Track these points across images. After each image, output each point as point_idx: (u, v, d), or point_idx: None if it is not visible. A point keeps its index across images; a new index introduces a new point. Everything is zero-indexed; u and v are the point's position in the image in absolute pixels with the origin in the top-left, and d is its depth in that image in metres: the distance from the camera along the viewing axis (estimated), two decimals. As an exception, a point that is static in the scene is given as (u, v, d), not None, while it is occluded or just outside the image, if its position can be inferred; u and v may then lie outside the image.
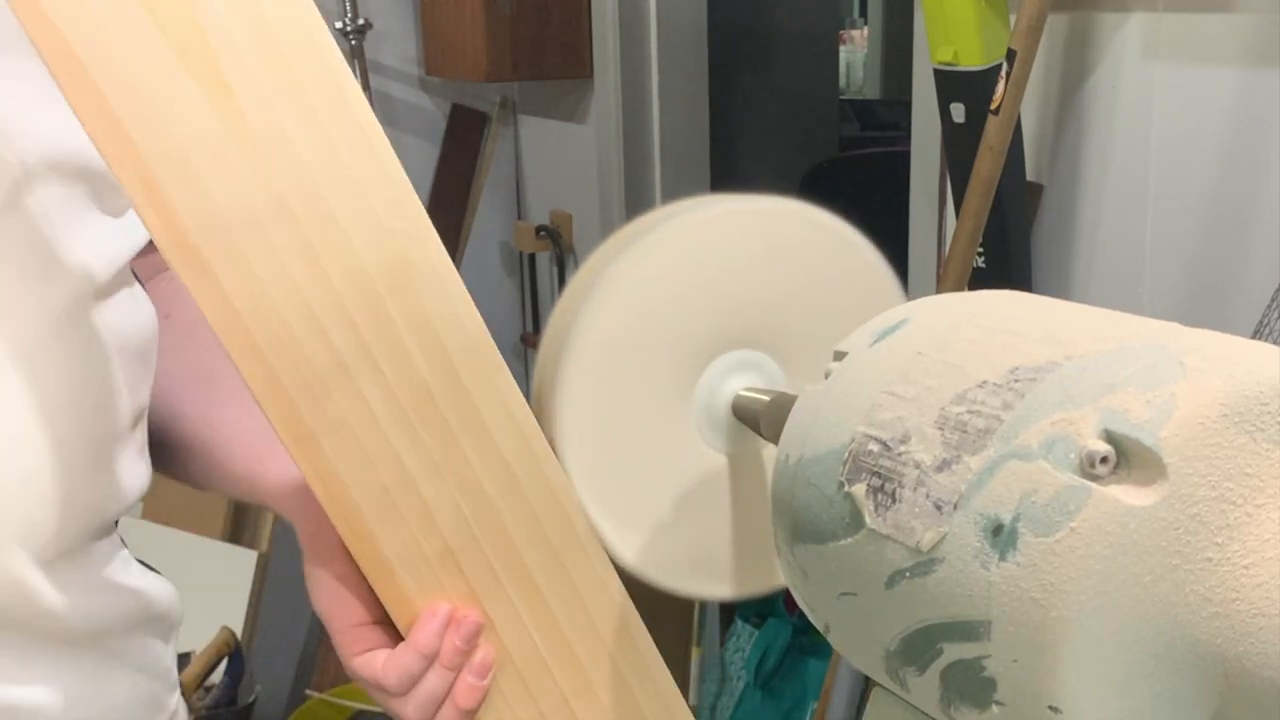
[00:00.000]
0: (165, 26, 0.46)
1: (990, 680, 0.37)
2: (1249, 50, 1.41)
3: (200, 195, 0.47)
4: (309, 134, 0.49)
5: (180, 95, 0.47)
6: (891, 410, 0.41)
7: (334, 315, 0.50)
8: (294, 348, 0.49)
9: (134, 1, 0.46)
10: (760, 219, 0.57)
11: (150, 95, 0.46)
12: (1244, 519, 0.34)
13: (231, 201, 0.48)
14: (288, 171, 0.48)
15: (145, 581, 0.66)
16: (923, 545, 0.38)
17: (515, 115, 2.78)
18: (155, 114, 0.46)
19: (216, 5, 0.47)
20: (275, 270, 0.49)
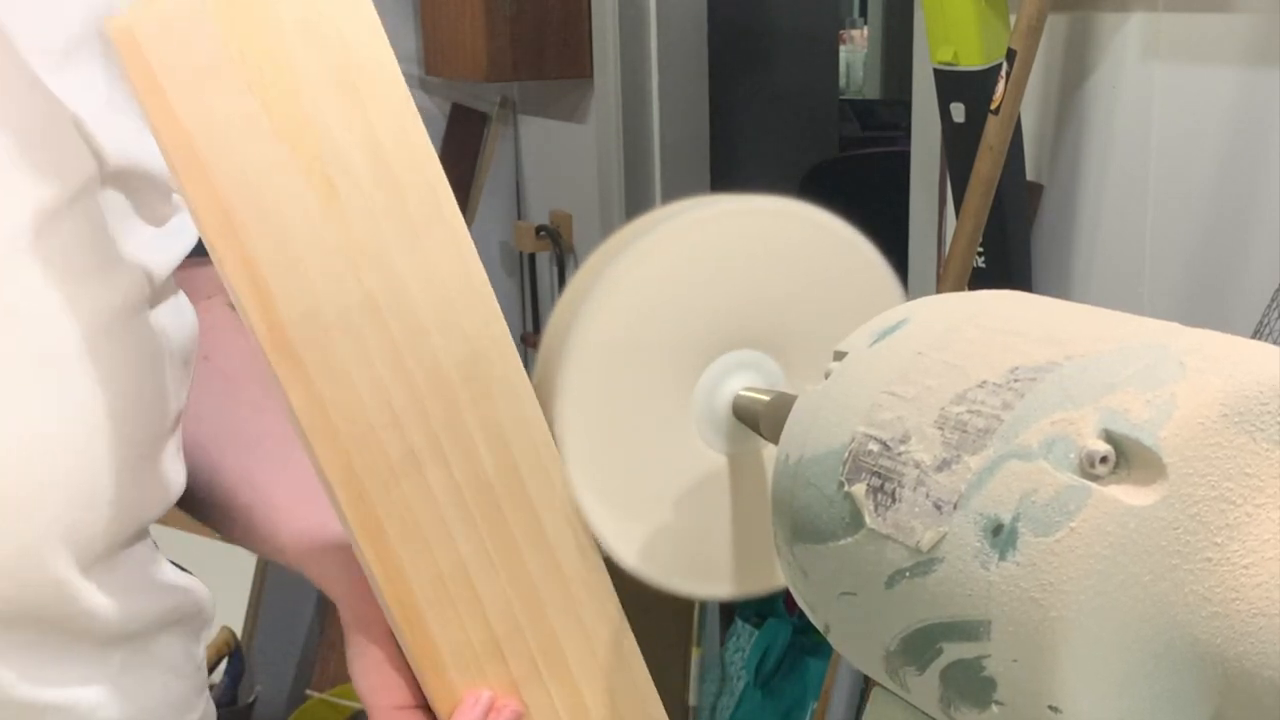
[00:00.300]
0: (284, 135, 0.49)
1: (990, 680, 0.37)
2: (1249, 50, 1.41)
3: (301, 294, 0.50)
4: (406, 243, 0.51)
5: (295, 201, 0.49)
6: (891, 410, 0.41)
7: (411, 410, 0.52)
8: (371, 439, 0.52)
9: (261, 113, 0.48)
10: (760, 219, 0.57)
11: (267, 199, 0.49)
12: (1244, 519, 0.34)
13: (330, 301, 0.50)
14: (384, 277, 0.51)
15: (179, 581, 0.67)
16: (922, 545, 0.38)
17: (515, 115, 2.78)
18: (269, 216, 0.49)
19: (331, 116, 0.50)
20: (362, 367, 0.51)
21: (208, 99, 0.48)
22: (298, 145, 0.49)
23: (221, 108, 0.48)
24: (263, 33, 0.49)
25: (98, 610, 0.59)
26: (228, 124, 0.48)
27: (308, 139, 0.49)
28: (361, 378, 0.51)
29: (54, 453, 0.55)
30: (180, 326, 0.63)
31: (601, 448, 0.56)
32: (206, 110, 0.48)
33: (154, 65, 0.47)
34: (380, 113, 0.51)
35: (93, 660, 0.61)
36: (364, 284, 0.51)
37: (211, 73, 0.48)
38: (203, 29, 0.48)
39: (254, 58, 0.48)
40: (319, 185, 0.49)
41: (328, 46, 0.49)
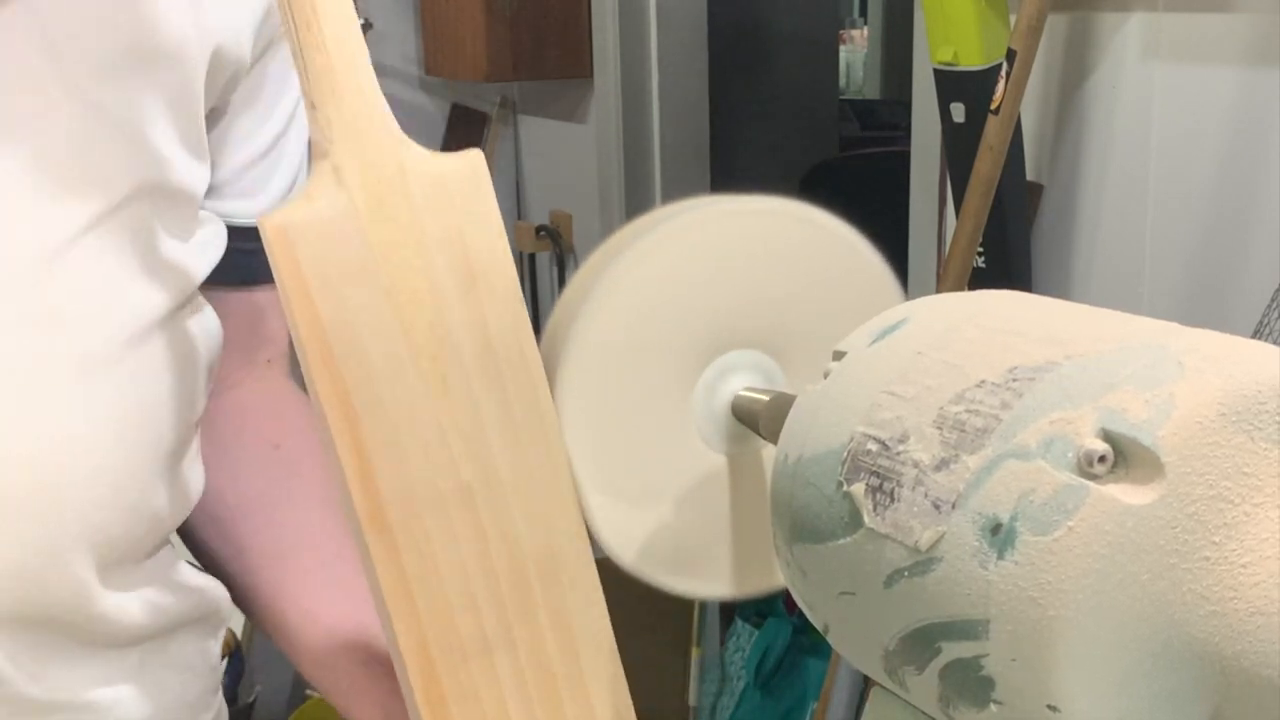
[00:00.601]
0: (409, 330, 0.52)
1: (989, 679, 0.37)
2: (1249, 50, 1.41)
3: (402, 474, 0.52)
4: (504, 435, 0.54)
5: (405, 387, 0.52)
6: (890, 410, 0.41)
7: (488, 594, 0.54)
8: (447, 617, 0.54)
9: (393, 317, 0.51)
10: (760, 219, 0.57)
11: (385, 390, 0.52)
12: (1242, 518, 0.34)
13: (427, 484, 0.53)
14: (480, 467, 0.54)
15: (196, 581, 0.68)
16: (921, 544, 0.38)
17: (515, 115, 2.78)
18: (384, 405, 0.52)
19: (455, 319, 0.52)
20: (448, 548, 0.53)
21: (347, 297, 0.51)
22: (420, 344, 0.52)
23: (358, 307, 0.51)
24: (405, 241, 0.52)
25: (117, 614, 0.60)
26: (361, 322, 0.51)
27: (430, 339, 0.52)
28: (447, 560, 0.53)
29: (83, 455, 0.56)
30: (207, 336, 0.64)
31: (601, 448, 0.56)
32: (344, 308, 0.51)
33: (303, 262, 0.50)
34: (496, 316, 0.53)
35: (111, 660, 0.61)
36: (461, 472, 0.53)
37: (354, 274, 0.51)
38: (352, 233, 0.51)
39: (395, 263, 0.51)
40: (433, 379, 0.52)
41: (460, 255, 0.53)
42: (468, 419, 0.53)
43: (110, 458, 0.56)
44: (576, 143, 2.57)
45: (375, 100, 0.51)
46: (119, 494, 0.57)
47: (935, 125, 1.66)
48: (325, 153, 0.50)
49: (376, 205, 0.51)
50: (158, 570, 0.64)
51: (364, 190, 0.50)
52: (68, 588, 0.56)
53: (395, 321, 0.51)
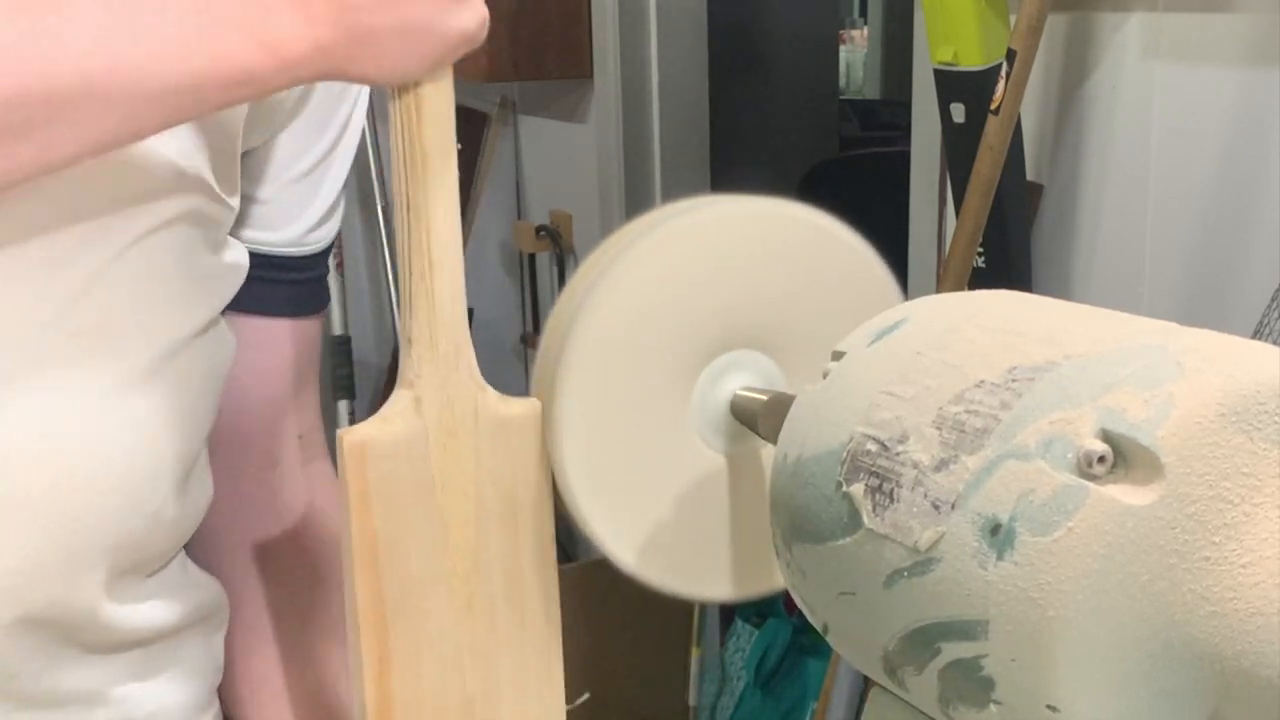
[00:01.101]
0: (452, 547, 0.56)
1: (988, 679, 0.37)
2: (1249, 50, 1.41)
3: (415, 679, 0.57)
4: (512, 653, 0.59)
5: (439, 609, 0.57)
6: (890, 410, 0.41)
7: None
8: None
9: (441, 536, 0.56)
10: (759, 220, 0.57)
11: (417, 603, 0.56)
12: (1241, 518, 0.34)
13: (438, 696, 0.57)
14: (485, 681, 0.58)
15: (200, 581, 0.68)
16: (920, 545, 0.38)
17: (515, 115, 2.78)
18: (413, 617, 0.56)
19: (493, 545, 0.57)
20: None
21: (403, 513, 0.55)
22: (458, 565, 0.57)
23: (412, 523, 0.55)
24: (465, 472, 0.56)
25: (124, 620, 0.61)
26: (411, 537, 0.55)
27: (468, 562, 0.57)
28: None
29: (112, 466, 0.57)
30: (225, 351, 0.65)
31: (600, 447, 0.56)
32: (399, 522, 0.55)
33: (371, 478, 0.54)
34: (528, 546, 0.58)
35: (119, 660, 0.62)
36: (467, 684, 0.58)
37: (414, 494, 0.55)
38: (420, 460, 0.55)
39: (452, 490, 0.56)
40: (461, 599, 0.57)
41: (508, 490, 0.57)
42: (484, 638, 0.58)
43: (136, 470, 0.57)
44: (576, 143, 2.57)
45: (465, 348, 0.56)
46: (140, 504, 0.58)
47: (935, 125, 1.66)
48: (411, 384, 0.55)
49: (446, 437, 0.56)
50: (170, 576, 0.65)
51: (439, 423, 0.55)
52: (83, 591, 0.57)
53: (441, 541, 0.56)
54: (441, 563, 0.56)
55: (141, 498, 0.58)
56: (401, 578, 0.55)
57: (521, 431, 0.57)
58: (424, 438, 0.55)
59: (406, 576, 0.55)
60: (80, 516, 0.55)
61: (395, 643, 0.56)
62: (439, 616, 0.56)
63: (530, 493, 0.57)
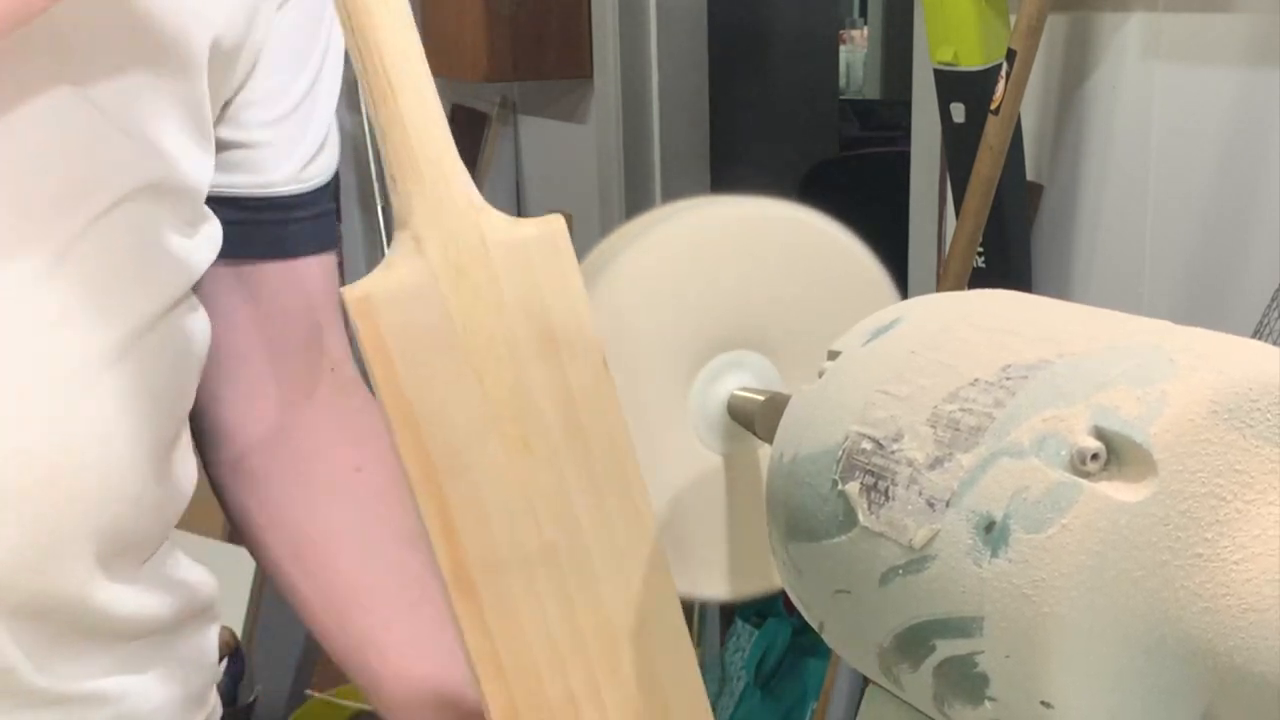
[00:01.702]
0: (490, 395, 0.52)
1: (983, 676, 0.37)
2: (1249, 50, 1.41)
3: (486, 536, 0.53)
4: (589, 499, 0.54)
5: (488, 450, 0.52)
6: (885, 409, 0.41)
7: (575, 656, 0.55)
8: (534, 678, 0.54)
9: (476, 383, 0.52)
10: (756, 221, 0.57)
11: (468, 456, 0.52)
12: (1234, 515, 0.35)
13: (511, 544, 0.53)
14: (562, 525, 0.54)
15: (192, 575, 0.68)
16: (915, 542, 0.38)
17: (515, 115, 2.78)
18: (468, 471, 0.52)
19: (535, 382, 0.53)
20: (534, 610, 0.54)
21: (428, 364, 0.51)
22: (502, 410, 0.52)
23: (441, 375, 0.51)
24: (486, 308, 0.52)
25: (119, 606, 0.60)
26: (445, 390, 0.51)
27: (512, 404, 0.52)
28: (532, 620, 0.54)
29: (88, 450, 0.56)
30: (202, 330, 0.64)
31: (598, 446, 0.56)
32: (428, 376, 0.51)
33: (385, 332, 0.50)
34: (577, 378, 0.53)
35: (116, 653, 0.62)
36: (544, 533, 0.53)
37: (436, 341, 0.51)
38: (433, 302, 0.51)
39: (475, 330, 0.52)
40: (515, 443, 0.53)
41: (540, 319, 0.53)
42: (550, 480, 0.53)
43: (114, 452, 0.57)
44: (576, 143, 2.57)
45: (455, 170, 0.51)
46: (122, 487, 0.58)
47: (935, 125, 1.66)
48: (405, 223, 0.51)
49: (457, 274, 0.51)
50: (158, 564, 0.64)
51: (444, 259, 0.51)
52: (71, 580, 0.57)
53: (477, 386, 0.52)
54: (483, 408, 0.52)
55: (120, 481, 0.57)
56: (444, 430, 0.51)
57: (543, 254, 0.52)
58: (433, 279, 0.51)
59: (449, 428, 0.51)
60: (59, 503, 0.55)
61: (454, 499, 0.52)
62: (494, 465, 0.52)
63: (569, 322, 0.53)
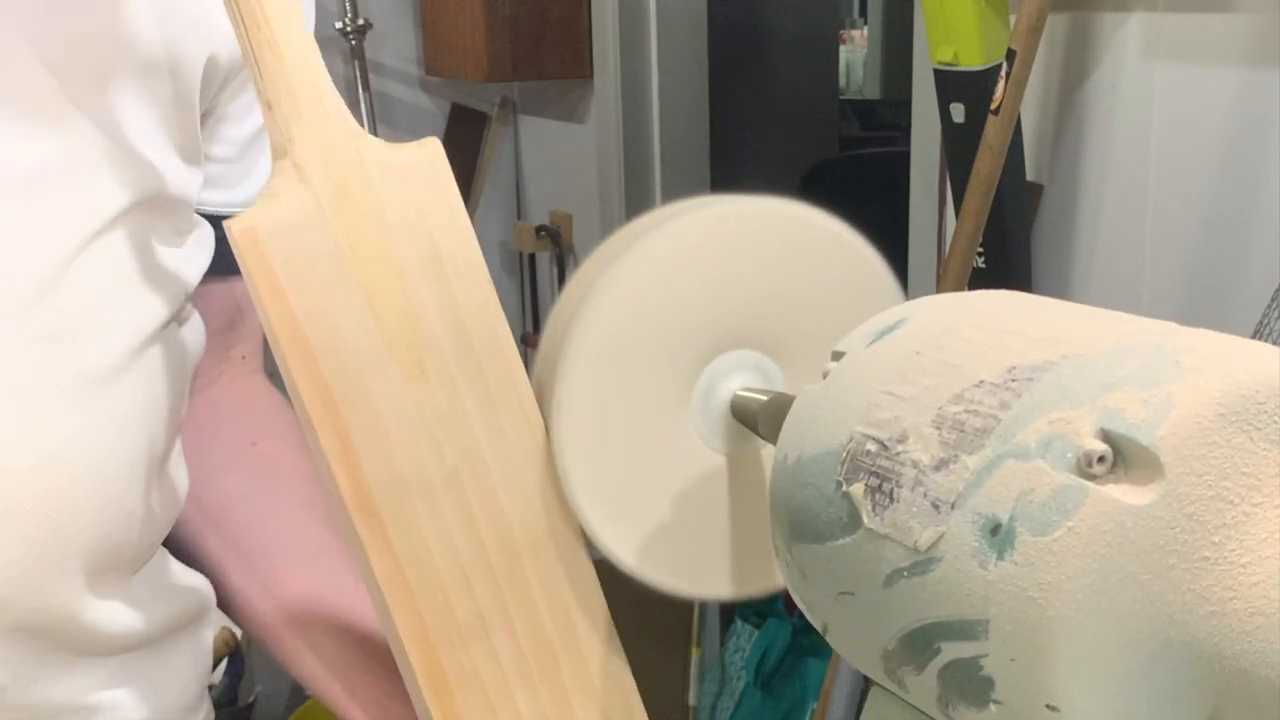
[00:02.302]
0: (382, 318, 0.52)
1: (988, 679, 0.37)
2: (1249, 50, 1.41)
3: (386, 461, 0.53)
4: (485, 417, 0.55)
5: (384, 375, 0.53)
6: (889, 410, 0.41)
7: (481, 574, 0.55)
8: (443, 600, 0.54)
9: (365, 305, 0.52)
10: (759, 220, 0.57)
11: (359, 371, 0.52)
12: (1241, 518, 0.34)
13: (412, 469, 0.53)
14: (463, 448, 0.54)
15: (188, 580, 0.68)
16: (920, 544, 0.38)
17: (515, 115, 2.78)
18: (361, 387, 0.52)
19: (425, 303, 0.53)
20: (439, 531, 0.54)
21: (319, 291, 0.51)
22: (394, 332, 0.53)
23: (331, 299, 0.52)
24: (371, 231, 0.52)
25: (108, 621, 0.60)
26: (335, 314, 0.52)
27: (404, 326, 0.53)
28: (437, 541, 0.54)
29: (86, 466, 0.56)
30: (195, 341, 0.64)
31: (600, 448, 0.56)
32: (318, 302, 0.51)
33: (273, 262, 0.50)
34: (465, 296, 0.54)
35: (106, 665, 0.61)
36: (446, 456, 0.54)
37: (324, 267, 0.51)
38: (318, 228, 0.51)
39: (363, 254, 0.52)
40: (410, 366, 0.53)
41: (424, 239, 0.53)
42: (447, 402, 0.54)
43: (111, 467, 0.57)
44: (576, 143, 2.57)
45: (329, 95, 0.51)
46: (118, 502, 0.57)
47: (935, 125, 1.66)
48: (285, 151, 0.51)
49: (338, 197, 0.51)
50: (150, 574, 0.64)
51: (326, 184, 0.51)
52: (60, 597, 0.56)
53: (368, 310, 0.52)
54: (375, 332, 0.52)
55: (115, 496, 0.57)
56: (338, 356, 0.51)
57: (422, 174, 0.53)
58: (316, 205, 0.51)
59: (343, 354, 0.51)
60: (55, 521, 0.55)
61: (354, 426, 0.52)
62: (391, 389, 0.52)
63: (452, 241, 0.53)
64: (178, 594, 0.66)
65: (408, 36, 2.63)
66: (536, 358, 0.57)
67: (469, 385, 0.54)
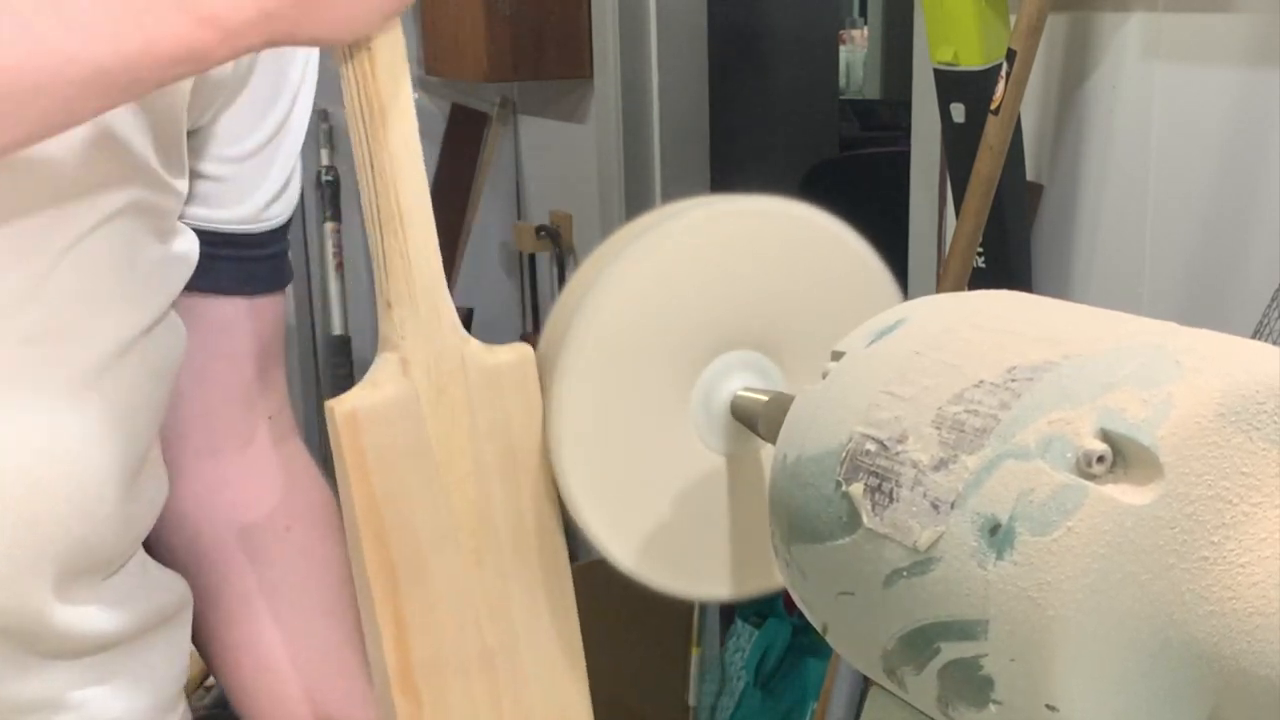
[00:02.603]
0: (454, 508, 0.56)
1: (988, 679, 0.37)
2: (1249, 50, 1.41)
3: (433, 640, 0.57)
4: (525, 603, 0.59)
5: (448, 566, 0.56)
6: (889, 410, 0.41)
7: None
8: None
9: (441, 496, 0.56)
10: (759, 220, 0.57)
11: (426, 564, 0.56)
12: (1240, 518, 0.34)
13: (454, 650, 0.57)
14: (501, 631, 0.58)
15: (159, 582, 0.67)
16: (920, 544, 0.38)
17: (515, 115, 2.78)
18: (425, 578, 0.56)
19: (495, 500, 0.57)
20: (467, 711, 0.58)
21: (402, 476, 0.55)
22: (462, 522, 0.56)
23: (412, 486, 0.55)
24: (459, 428, 0.56)
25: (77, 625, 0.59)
26: (413, 501, 0.55)
27: (471, 517, 0.56)
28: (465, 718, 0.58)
29: (68, 468, 0.56)
30: (176, 344, 0.64)
31: (599, 448, 0.56)
32: (399, 487, 0.55)
33: (367, 447, 0.54)
34: (530, 491, 0.57)
35: (75, 667, 0.61)
36: (485, 637, 0.58)
37: (411, 455, 0.55)
38: (413, 419, 0.55)
39: (448, 448, 0.55)
40: (469, 554, 0.57)
41: (505, 441, 0.57)
42: (496, 591, 0.57)
43: (92, 469, 0.57)
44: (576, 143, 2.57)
45: (444, 303, 0.55)
46: (98, 504, 0.57)
47: (935, 125, 1.66)
48: (395, 346, 0.54)
49: (437, 395, 0.55)
50: (126, 579, 0.64)
51: (428, 383, 0.55)
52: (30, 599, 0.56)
53: (443, 500, 0.56)
54: (446, 521, 0.56)
55: (91, 500, 0.57)
56: (408, 540, 0.55)
57: (513, 379, 0.56)
58: (415, 399, 0.55)
59: (413, 538, 0.55)
60: (30, 522, 0.55)
61: (409, 605, 0.56)
62: (449, 575, 0.56)
63: (527, 440, 0.57)
64: (153, 593, 0.66)
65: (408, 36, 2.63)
66: (536, 358, 0.57)
67: (517, 574, 0.58)
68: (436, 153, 2.61)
